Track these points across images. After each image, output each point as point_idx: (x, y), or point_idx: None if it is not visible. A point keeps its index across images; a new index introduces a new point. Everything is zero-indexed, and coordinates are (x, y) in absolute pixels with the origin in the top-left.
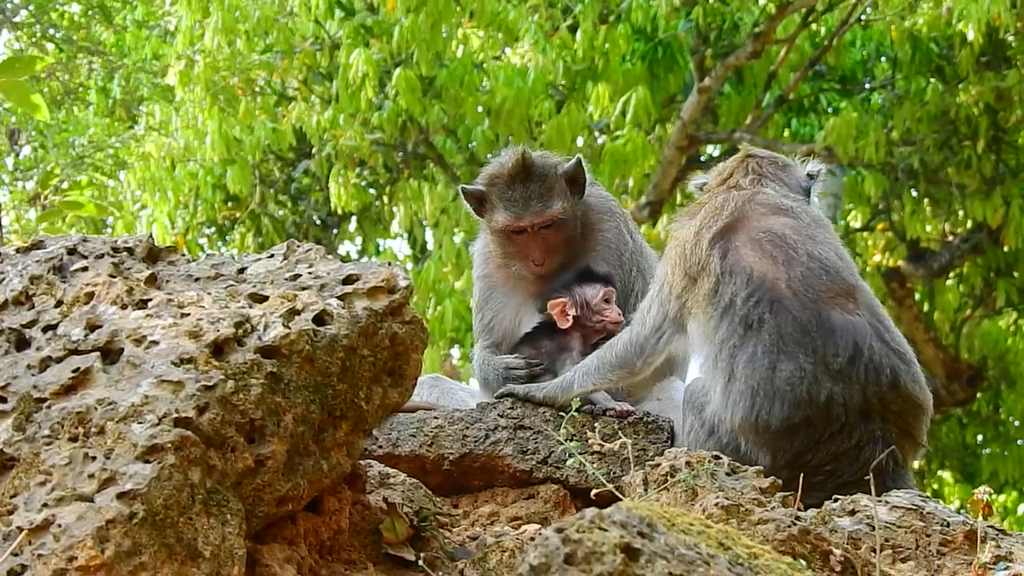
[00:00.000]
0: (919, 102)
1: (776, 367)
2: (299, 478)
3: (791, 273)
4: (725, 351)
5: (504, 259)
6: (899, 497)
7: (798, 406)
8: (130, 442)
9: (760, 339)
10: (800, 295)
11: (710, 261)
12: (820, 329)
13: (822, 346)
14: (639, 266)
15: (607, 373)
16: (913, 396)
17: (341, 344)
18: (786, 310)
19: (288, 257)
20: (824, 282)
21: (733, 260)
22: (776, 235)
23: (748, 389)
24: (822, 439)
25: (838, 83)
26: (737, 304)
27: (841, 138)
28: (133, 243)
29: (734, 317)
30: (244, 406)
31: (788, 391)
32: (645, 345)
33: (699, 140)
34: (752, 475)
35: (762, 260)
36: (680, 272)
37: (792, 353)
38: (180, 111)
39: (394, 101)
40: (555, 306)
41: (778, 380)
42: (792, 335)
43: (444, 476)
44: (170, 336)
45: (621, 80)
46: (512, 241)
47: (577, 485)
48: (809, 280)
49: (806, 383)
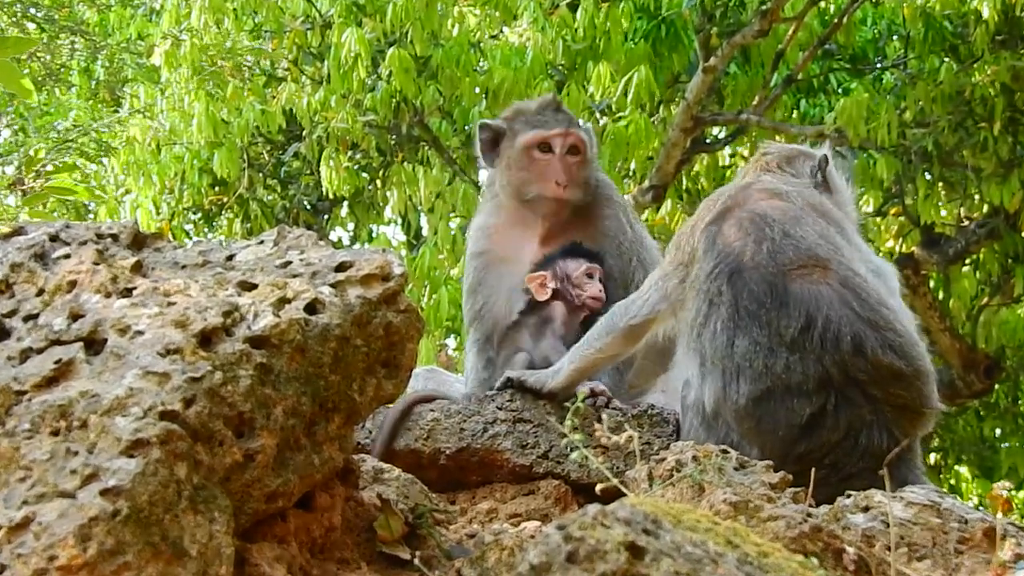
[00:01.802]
0: (933, 82)
1: (734, 342)
2: (290, 473)
3: (758, 247)
4: (694, 331)
5: (523, 186)
6: (915, 493)
7: (758, 379)
8: (114, 436)
9: (719, 314)
10: (761, 267)
11: (698, 247)
12: (775, 300)
13: (776, 317)
14: (639, 256)
15: (594, 342)
16: (884, 363)
17: (333, 334)
18: (744, 282)
19: (278, 243)
20: (789, 256)
21: (716, 242)
22: (758, 215)
23: (716, 369)
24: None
25: (848, 62)
26: (701, 278)
27: (852, 119)
28: (118, 229)
29: (699, 294)
30: (232, 398)
31: (747, 366)
32: (630, 307)
33: (704, 121)
34: (761, 470)
35: (735, 237)
36: (675, 261)
37: (747, 327)
38: (166, 93)
39: (387, 82)
40: (533, 279)
41: (737, 355)
42: (747, 307)
43: (440, 471)
44: (156, 326)
45: (623, 59)
46: (535, 163)
47: (579, 480)
48: (775, 254)
49: (761, 355)
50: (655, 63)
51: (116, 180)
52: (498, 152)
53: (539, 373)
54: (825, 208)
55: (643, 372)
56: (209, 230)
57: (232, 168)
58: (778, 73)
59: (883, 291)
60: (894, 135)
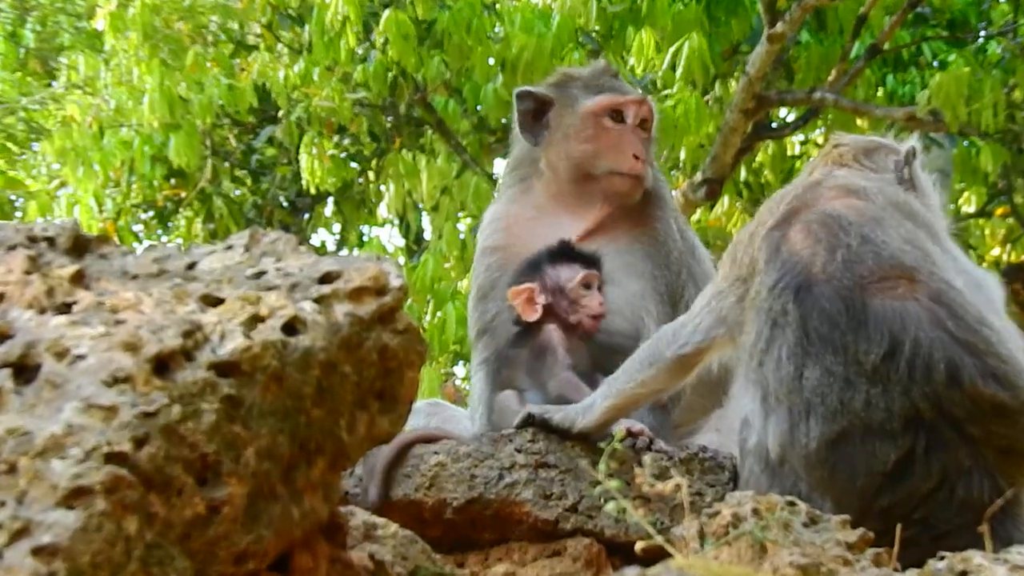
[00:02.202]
0: None
1: (803, 373)
2: (263, 528)
3: (831, 256)
4: (755, 359)
5: (590, 160)
6: (1021, 555)
7: (832, 417)
8: (49, 483)
9: (784, 339)
10: (835, 281)
11: (759, 257)
12: (851, 321)
13: (853, 341)
14: (690, 269)
15: (634, 374)
16: (986, 395)
17: (317, 359)
18: (814, 299)
19: (250, 249)
20: (869, 265)
21: (780, 251)
22: (831, 216)
23: (781, 405)
24: (882, 468)
25: (946, 29)
26: (762, 295)
27: (950, 99)
28: (54, 231)
29: (760, 314)
30: (194, 438)
31: (819, 402)
32: (679, 332)
33: (769, 101)
34: (836, 526)
35: (803, 244)
36: (731, 276)
37: (818, 354)
38: (111, 64)
39: (382, 51)
40: (517, 294)
41: (806, 389)
42: (818, 330)
43: (446, 527)
44: (101, 349)
45: (671, 25)
46: (606, 133)
47: (615, 538)
48: (851, 264)
49: (835, 389)
50: (710, 30)
51: (49, 169)
52: (544, 125)
53: (566, 409)
54: (912, 208)
55: (693, 408)
56: (164, 232)
57: (192, 156)
58: (860, 42)
59: (984, 307)
60: (1001, 118)
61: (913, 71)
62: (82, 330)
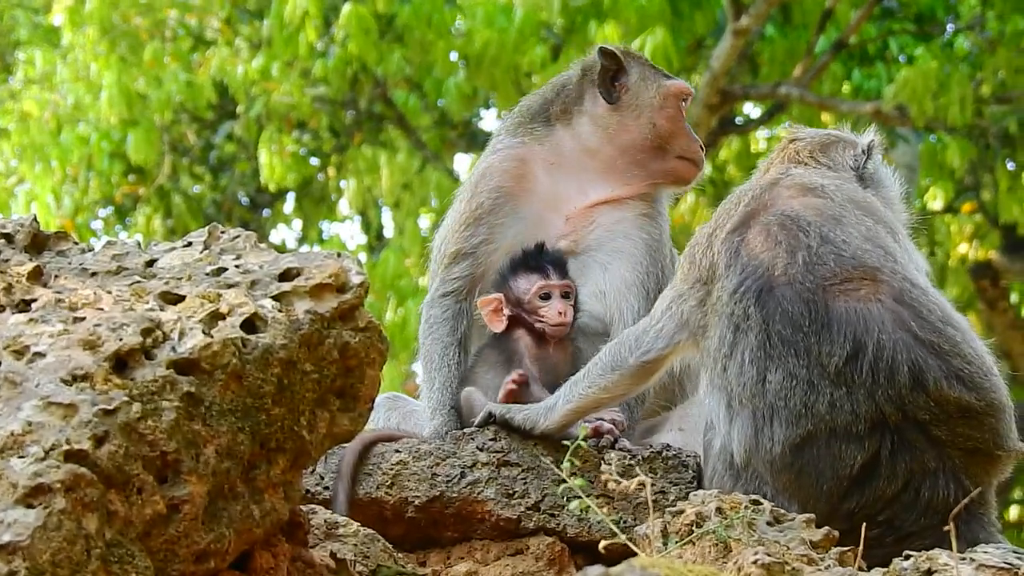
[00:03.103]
0: (1016, 48)
1: (766, 377)
2: (223, 527)
3: (791, 259)
4: (718, 364)
5: (668, 138)
6: (988, 554)
7: (796, 421)
8: (8, 481)
9: (747, 343)
10: (796, 283)
11: (719, 261)
12: (814, 323)
13: (815, 343)
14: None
15: (596, 379)
16: (951, 396)
17: (277, 357)
18: (775, 302)
19: (209, 246)
20: (831, 267)
21: (739, 254)
22: (789, 217)
23: (745, 409)
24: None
25: (913, 24)
26: (724, 299)
27: (916, 94)
28: (12, 228)
29: (722, 319)
30: (154, 436)
31: (782, 406)
32: (642, 338)
33: (734, 96)
34: (801, 525)
35: (763, 248)
36: (690, 278)
37: (781, 358)
38: (68, 58)
39: (342, 46)
40: (484, 304)
41: (770, 393)
42: (781, 333)
43: (408, 525)
44: (60, 347)
45: (634, 19)
46: (679, 117)
47: (577, 537)
48: (812, 265)
49: (799, 392)
50: (674, 23)
51: (7, 166)
52: (619, 88)
53: (529, 409)
54: (870, 204)
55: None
56: (122, 228)
57: (150, 152)
58: (825, 36)
59: (947, 306)
60: (968, 113)
61: (879, 65)
62: (41, 328)
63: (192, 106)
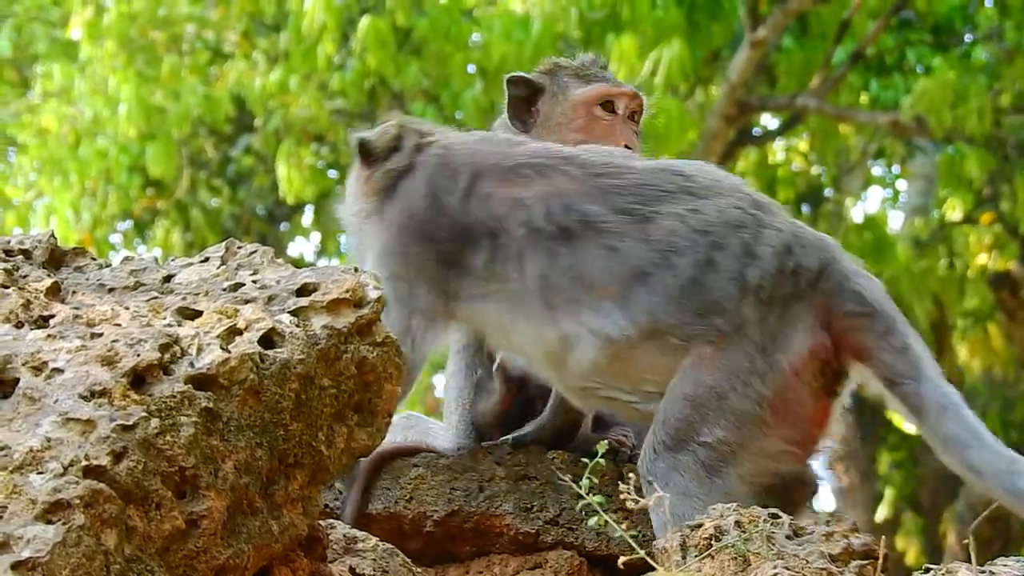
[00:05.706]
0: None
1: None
2: (242, 543)
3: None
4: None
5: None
6: (1007, 567)
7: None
8: (28, 497)
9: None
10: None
11: None
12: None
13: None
14: None
15: None
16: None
17: (295, 372)
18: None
19: (227, 261)
20: None
21: None
22: None
23: None
24: None
25: (930, 34)
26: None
27: (934, 105)
28: (30, 244)
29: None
30: (172, 451)
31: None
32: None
33: (752, 107)
34: (820, 538)
35: None
36: None
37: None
38: (86, 72)
39: (360, 59)
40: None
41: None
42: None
43: (426, 540)
44: (78, 362)
45: (651, 31)
46: (596, 123)
47: (596, 552)
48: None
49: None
50: (691, 35)
51: (26, 180)
52: (534, 113)
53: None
54: None
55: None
56: (141, 243)
57: (168, 166)
58: (843, 47)
59: None
60: (987, 124)
61: (897, 76)
62: (59, 344)
63: (210, 119)
